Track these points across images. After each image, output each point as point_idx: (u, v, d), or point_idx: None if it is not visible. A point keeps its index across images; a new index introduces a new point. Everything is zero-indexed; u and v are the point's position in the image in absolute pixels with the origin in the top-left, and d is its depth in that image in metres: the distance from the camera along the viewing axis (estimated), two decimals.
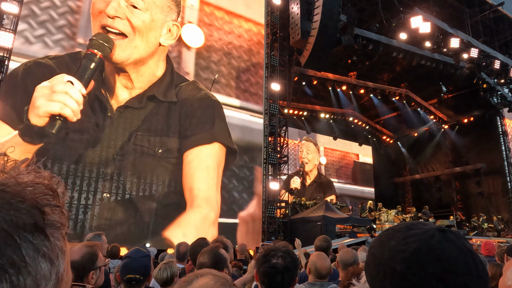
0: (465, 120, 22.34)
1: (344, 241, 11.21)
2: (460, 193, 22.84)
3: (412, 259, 0.64)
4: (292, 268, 1.71)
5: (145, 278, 2.20)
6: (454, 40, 16.73)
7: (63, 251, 0.47)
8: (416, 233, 0.67)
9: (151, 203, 10.55)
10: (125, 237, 9.76)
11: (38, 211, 0.45)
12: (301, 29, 13.97)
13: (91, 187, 9.89)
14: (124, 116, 10.61)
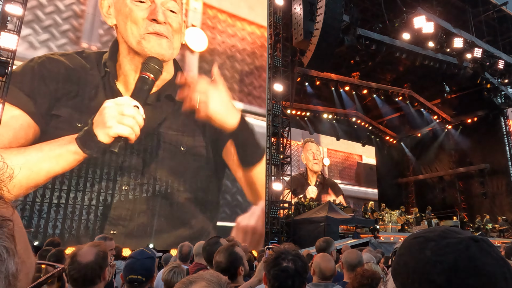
0: (469, 120, 22.24)
1: (348, 242, 11.18)
2: (464, 193, 22.74)
3: (452, 271, 0.63)
4: (302, 272, 1.70)
5: (148, 280, 2.18)
6: (457, 40, 16.67)
7: (10, 249, 0.40)
8: (451, 243, 0.66)
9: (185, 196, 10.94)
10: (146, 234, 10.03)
11: None
12: (303, 29, 13.96)
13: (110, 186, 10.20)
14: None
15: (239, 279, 2.35)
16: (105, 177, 10.24)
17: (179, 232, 10.68)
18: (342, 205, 17.80)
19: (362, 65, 19.35)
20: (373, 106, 23.22)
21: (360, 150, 24.61)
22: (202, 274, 0.96)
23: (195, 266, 3.49)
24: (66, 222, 9.52)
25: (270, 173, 13.42)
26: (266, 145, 13.61)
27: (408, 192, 25.84)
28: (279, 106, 14.09)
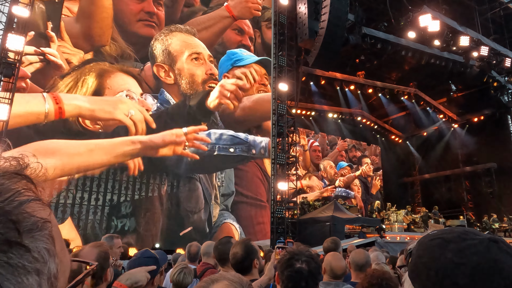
0: (475, 119, 22.08)
1: (354, 241, 11.15)
2: (471, 192, 22.57)
3: (476, 273, 0.63)
4: (316, 274, 1.70)
5: (148, 280, 2.13)
6: (463, 38, 16.55)
7: (51, 251, 0.41)
8: (472, 244, 0.66)
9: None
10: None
11: (8, 222, 0.38)
12: (308, 29, 13.93)
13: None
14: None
15: (254, 272, 2.39)
16: (111, 177, 10.16)
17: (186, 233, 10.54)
18: (347, 205, 17.76)
19: (367, 64, 19.27)
20: (378, 105, 23.12)
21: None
22: (224, 275, 0.97)
23: (202, 265, 3.50)
24: (73, 222, 9.48)
25: (276, 172, 13.41)
26: (272, 144, 13.60)
27: (414, 191, 25.70)
28: (284, 106, 14.06)
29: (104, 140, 8.05)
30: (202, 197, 10.26)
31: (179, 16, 10.22)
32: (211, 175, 10.68)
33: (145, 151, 8.56)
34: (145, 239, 9.54)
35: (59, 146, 7.53)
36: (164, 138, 8.56)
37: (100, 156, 7.93)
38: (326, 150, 21.90)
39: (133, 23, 9.41)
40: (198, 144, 9.30)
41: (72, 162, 7.62)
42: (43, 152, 7.50)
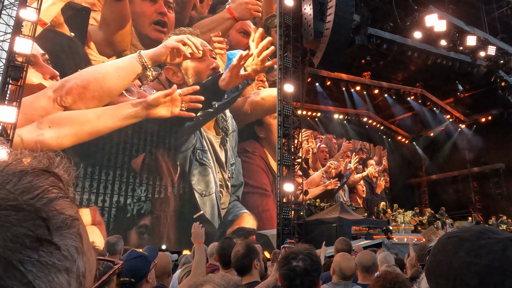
0: (483, 119, 21.88)
1: (360, 243, 11.09)
2: (479, 193, 22.36)
3: (487, 273, 0.61)
4: (312, 271, 1.70)
5: (139, 280, 2.09)
6: (470, 37, 16.43)
7: (79, 249, 0.41)
8: (488, 244, 0.64)
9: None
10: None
11: (39, 219, 0.38)
12: (314, 29, 13.91)
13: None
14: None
15: (254, 273, 2.38)
16: (118, 179, 10.20)
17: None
18: (354, 206, 17.68)
19: (373, 64, 19.19)
20: (384, 106, 23.01)
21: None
22: (212, 277, 0.95)
23: (209, 266, 3.50)
24: (98, 209, 9.36)
25: (281, 174, 13.38)
26: (277, 146, 13.58)
27: (421, 192, 25.52)
28: (290, 107, 14.05)
29: (109, 106, 8.59)
30: (213, 183, 10.55)
31: (187, 22, 10.85)
32: (221, 164, 10.96)
33: (145, 111, 9.08)
34: (160, 220, 9.74)
35: (71, 115, 8.04)
36: (159, 95, 9.22)
37: (107, 121, 8.49)
38: (333, 152, 22.08)
39: (147, 26, 10.11)
40: (193, 103, 9.90)
41: (84, 129, 8.14)
42: (57, 122, 7.97)
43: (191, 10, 10.98)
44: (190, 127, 10.37)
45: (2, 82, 9.42)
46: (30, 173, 0.41)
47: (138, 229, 9.02)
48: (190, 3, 10.84)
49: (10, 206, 0.36)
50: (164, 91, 9.43)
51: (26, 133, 8.10)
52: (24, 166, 0.41)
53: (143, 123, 9.57)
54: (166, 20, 10.34)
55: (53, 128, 8.08)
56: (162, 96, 9.33)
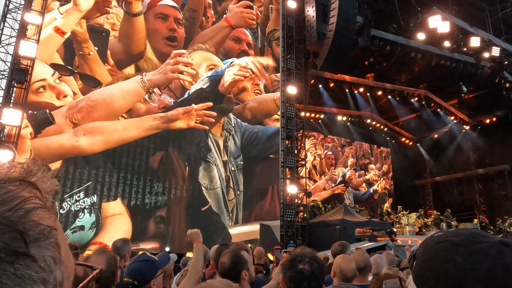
0: (487, 120, 21.77)
1: (364, 245, 11.05)
2: (484, 195, 22.23)
3: (489, 279, 0.60)
4: (318, 274, 1.69)
5: (142, 284, 2.06)
6: (474, 39, 16.37)
7: (57, 259, 0.41)
8: (483, 248, 0.63)
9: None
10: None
11: (15, 232, 0.38)
12: (317, 31, 13.91)
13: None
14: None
15: (243, 284, 2.28)
16: (122, 181, 10.46)
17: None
18: (357, 208, 17.63)
19: (377, 66, 19.16)
20: (388, 107, 22.93)
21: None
22: (211, 282, 0.95)
23: (211, 269, 3.50)
24: (86, 226, 9.64)
25: (285, 176, 13.37)
26: (280, 147, 13.58)
27: (425, 194, 25.40)
28: (293, 109, 14.05)
29: (135, 118, 9.85)
30: (217, 178, 11.56)
31: (195, 35, 12.06)
32: (225, 161, 11.95)
33: (165, 124, 10.32)
34: (175, 210, 10.75)
35: (102, 126, 9.21)
36: (177, 111, 10.51)
37: (132, 131, 9.67)
38: (339, 158, 22.46)
39: (159, 41, 11.34)
40: (207, 118, 11.24)
41: (112, 137, 9.26)
42: (91, 131, 9.10)
43: (199, 26, 12.20)
44: (200, 130, 11.47)
45: (7, 85, 9.50)
46: (6, 183, 0.41)
47: (155, 219, 10.01)
48: (198, 20, 12.02)
49: None
50: (183, 108, 10.66)
51: (64, 139, 9.07)
52: (0, 176, 0.41)
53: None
54: (176, 35, 11.49)
55: (87, 136, 9.21)
56: (181, 112, 10.59)
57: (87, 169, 9.69)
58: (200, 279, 2.52)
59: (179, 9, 11.75)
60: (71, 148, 9.13)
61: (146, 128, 9.77)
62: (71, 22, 9.86)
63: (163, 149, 10.92)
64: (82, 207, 9.37)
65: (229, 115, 12.29)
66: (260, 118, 13.42)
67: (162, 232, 10.21)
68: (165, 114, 10.15)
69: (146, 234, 9.95)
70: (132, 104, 10.04)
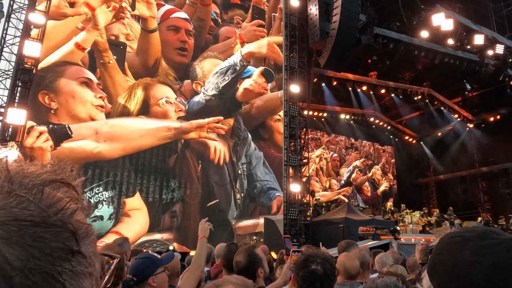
0: (491, 118, 21.68)
1: (367, 243, 11.05)
2: (488, 193, 22.15)
3: (491, 272, 0.63)
4: (331, 276, 1.71)
5: (141, 280, 2.11)
6: (478, 36, 16.30)
7: (96, 253, 0.45)
8: (491, 244, 0.66)
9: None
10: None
11: (68, 232, 0.41)
12: (320, 30, 13.89)
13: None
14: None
15: (259, 281, 2.35)
16: (118, 181, 10.65)
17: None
18: (361, 206, 17.61)
19: (380, 64, 19.11)
20: (391, 105, 22.89)
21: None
22: (228, 278, 0.98)
23: (216, 267, 3.53)
24: (105, 217, 9.99)
25: (288, 174, 13.38)
26: (284, 146, 13.59)
27: (429, 192, 25.34)
28: (296, 108, 14.04)
29: (151, 128, 10.59)
30: (226, 175, 12.18)
31: (203, 43, 12.89)
32: (233, 162, 12.58)
33: (178, 135, 11.05)
34: (188, 204, 11.33)
35: (121, 134, 10.03)
36: (191, 124, 11.18)
37: (148, 139, 10.44)
38: (343, 160, 22.77)
39: (171, 51, 12.14)
40: (217, 130, 11.94)
41: (130, 144, 10.08)
42: (111, 138, 9.88)
43: (207, 33, 13.05)
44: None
45: (12, 85, 9.56)
46: (50, 185, 0.44)
47: (170, 213, 10.68)
48: (205, 28, 12.84)
49: (43, 223, 0.39)
50: (197, 122, 11.43)
51: (86, 144, 9.70)
52: (43, 179, 0.44)
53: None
54: (187, 46, 12.35)
55: (107, 142, 9.95)
56: (194, 126, 11.34)
57: (105, 169, 10.24)
58: (201, 274, 2.55)
59: (190, 21, 12.53)
60: (92, 153, 9.75)
61: (160, 137, 10.49)
62: (90, 39, 10.53)
63: (179, 148, 11.62)
64: (101, 199, 9.95)
65: (239, 120, 13.01)
66: (265, 116, 13.80)
67: (176, 225, 10.90)
68: (180, 126, 10.89)
69: (161, 226, 10.57)
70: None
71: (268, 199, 12.69)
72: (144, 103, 10.92)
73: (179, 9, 12.35)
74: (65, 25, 10.38)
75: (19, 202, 0.40)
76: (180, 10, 12.38)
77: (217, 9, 13.35)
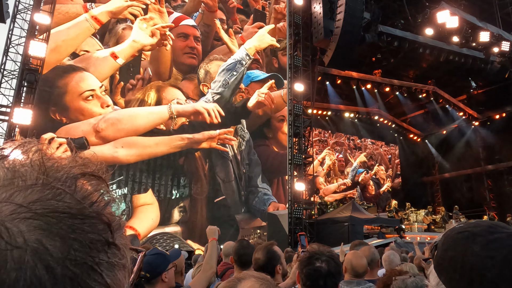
0: (497, 116, 21.54)
1: (372, 242, 11.03)
2: (493, 192, 22.03)
3: (504, 266, 0.63)
4: (335, 273, 1.71)
5: (154, 276, 2.12)
6: (483, 33, 16.20)
7: (128, 246, 0.46)
8: (500, 238, 0.66)
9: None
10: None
11: (103, 224, 0.42)
12: (324, 28, 13.88)
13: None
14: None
15: (277, 278, 2.39)
16: (131, 179, 10.91)
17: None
18: (365, 205, 17.58)
19: (384, 62, 19.05)
20: (396, 103, 22.80)
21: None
22: (248, 273, 0.98)
23: (223, 265, 3.54)
24: (117, 213, 10.07)
25: (292, 173, 13.39)
26: (288, 145, 13.58)
27: (434, 191, 25.24)
28: (300, 106, 14.04)
29: (165, 136, 11.29)
30: (232, 172, 12.68)
31: (209, 48, 13.44)
32: (237, 160, 13.03)
33: (191, 144, 11.73)
34: (196, 200, 11.91)
35: (137, 140, 10.70)
36: (203, 135, 11.81)
37: (162, 147, 11.11)
38: (348, 160, 22.90)
39: (181, 55, 12.84)
40: (227, 140, 12.56)
41: (145, 151, 10.80)
42: (127, 145, 10.54)
43: (212, 39, 13.69)
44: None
45: (18, 85, 9.63)
46: (83, 178, 0.45)
47: (179, 208, 11.30)
48: (211, 33, 13.48)
49: (80, 214, 0.40)
50: (209, 133, 12.04)
51: (105, 150, 10.28)
52: (75, 172, 0.45)
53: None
54: (196, 52, 13.04)
55: (125, 148, 10.63)
56: (206, 137, 11.94)
57: (119, 168, 10.71)
58: (213, 274, 2.58)
59: (197, 27, 13.16)
60: (110, 158, 10.30)
61: (174, 146, 11.28)
62: (126, 52, 11.24)
63: (189, 152, 12.24)
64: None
65: (244, 124, 13.43)
66: (269, 114, 13.99)
67: (184, 219, 11.50)
68: (192, 136, 11.63)
69: (171, 220, 11.16)
70: (154, 125, 11.23)
71: (262, 203, 13.03)
72: (157, 103, 11.61)
73: (188, 17, 12.93)
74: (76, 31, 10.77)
75: (55, 194, 0.40)
76: (188, 17, 12.97)
77: (223, 15, 13.82)
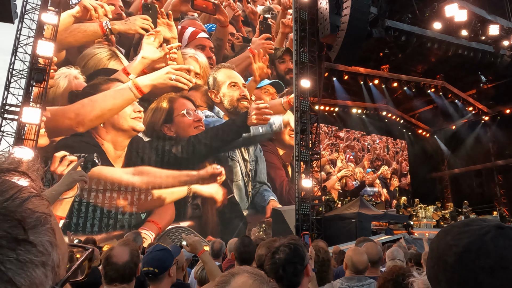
0: (507, 110, 21.23)
1: (380, 238, 10.99)
2: (504, 187, 21.76)
3: (463, 252, 0.67)
4: (292, 258, 1.70)
5: (162, 271, 2.16)
6: (493, 27, 15.95)
7: (53, 243, 0.44)
8: (472, 229, 0.69)
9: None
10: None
11: (14, 220, 0.41)
12: (330, 24, 13.78)
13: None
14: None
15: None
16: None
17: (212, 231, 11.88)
18: (373, 201, 17.50)
19: (392, 57, 18.85)
20: (404, 99, 22.60)
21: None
22: (242, 268, 0.98)
23: (227, 262, 3.57)
24: (103, 221, 10.27)
25: (299, 170, 13.37)
26: (295, 141, 13.56)
27: (443, 186, 25.01)
28: (307, 102, 13.99)
29: (174, 172, 11.96)
30: (239, 172, 13.17)
31: (222, 60, 13.99)
32: (245, 159, 13.48)
33: (196, 181, 12.20)
34: (207, 198, 12.26)
35: (149, 170, 11.48)
36: (207, 172, 12.37)
37: (171, 180, 11.78)
38: (359, 160, 22.99)
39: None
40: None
41: (154, 181, 11.48)
42: (139, 173, 11.30)
43: (224, 50, 14.28)
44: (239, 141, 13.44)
45: (26, 84, 9.75)
46: (3, 174, 0.44)
47: (191, 206, 11.96)
48: (223, 47, 14.10)
49: None
50: (212, 171, 12.39)
51: (124, 176, 11.02)
52: None
53: (207, 138, 12.69)
54: (211, 61, 13.74)
55: (136, 175, 11.28)
56: (210, 173, 12.41)
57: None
58: None
59: (211, 39, 13.96)
60: (126, 182, 11.01)
61: (181, 181, 11.95)
62: (137, 69, 11.77)
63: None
64: None
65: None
66: (273, 114, 14.13)
67: (197, 215, 12.14)
68: (197, 173, 12.27)
69: (185, 216, 11.79)
70: (122, 103, 11.36)
71: (262, 200, 13.33)
72: (168, 113, 12.23)
73: (201, 30, 13.72)
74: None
75: None
76: (201, 31, 13.74)
77: (234, 29, 14.49)
